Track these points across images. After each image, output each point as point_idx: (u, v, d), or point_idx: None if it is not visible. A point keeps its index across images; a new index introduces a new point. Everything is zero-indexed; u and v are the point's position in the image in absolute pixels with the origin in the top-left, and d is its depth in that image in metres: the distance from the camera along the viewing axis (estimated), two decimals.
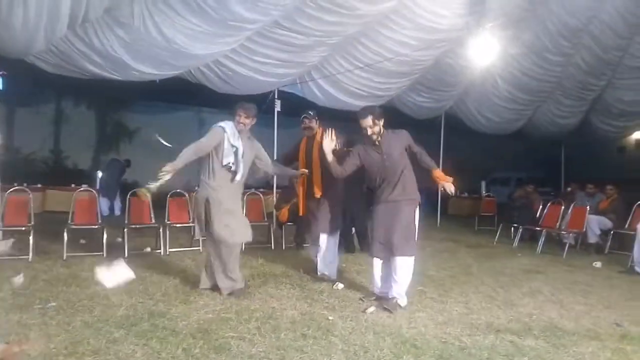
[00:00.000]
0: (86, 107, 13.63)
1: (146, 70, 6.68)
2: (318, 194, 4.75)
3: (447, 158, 9.79)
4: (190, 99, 11.03)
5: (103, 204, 9.52)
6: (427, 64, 8.38)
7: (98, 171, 11.44)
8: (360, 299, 4.12)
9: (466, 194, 13.22)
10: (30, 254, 5.37)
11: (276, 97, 8.49)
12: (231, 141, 4.04)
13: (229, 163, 4.03)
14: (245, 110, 4.13)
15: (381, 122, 3.95)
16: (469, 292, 4.56)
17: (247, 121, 4.13)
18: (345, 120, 5.68)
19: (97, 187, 10.25)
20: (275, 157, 8.16)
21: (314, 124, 4.88)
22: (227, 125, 4.11)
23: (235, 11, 5.96)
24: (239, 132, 4.12)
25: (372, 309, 3.81)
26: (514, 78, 9.33)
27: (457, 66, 8.48)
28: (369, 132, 3.93)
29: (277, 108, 8.49)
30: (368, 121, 3.91)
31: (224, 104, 8.04)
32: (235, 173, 4.07)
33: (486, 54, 7.10)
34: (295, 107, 9.01)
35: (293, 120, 11.17)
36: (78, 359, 2.76)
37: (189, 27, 6.10)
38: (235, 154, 4.04)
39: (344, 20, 6.76)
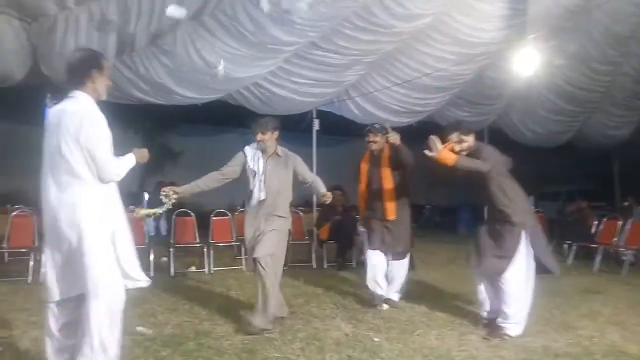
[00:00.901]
0: (134, 132, 14.16)
1: (189, 94, 6.91)
2: (392, 216, 4.36)
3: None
4: (235, 120, 11.26)
5: (149, 224, 9.81)
6: (467, 78, 8.24)
7: (145, 193, 11.82)
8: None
9: None
10: None
11: (314, 116, 8.55)
12: (250, 164, 3.92)
13: (251, 185, 3.89)
14: (260, 126, 3.89)
15: (470, 138, 3.72)
16: None
17: (265, 137, 3.87)
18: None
19: (143, 205, 10.59)
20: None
21: (379, 138, 4.46)
22: (249, 148, 4.00)
23: (273, 34, 6.09)
24: (263, 151, 3.92)
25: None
26: (560, 89, 9.00)
27: (499, 79, 8.28)
28: (457, 148, 3.70)
29: (316, 127, 8.55)
30: (453, 138, 3.70)
31: None
32: (254, 195, 3.86)
33: (529, 66, 6.90)
34: (333, 125, 9.06)
35: (331, 138, 11.21)
36: None
37: (229, 51, 6.27)
38: (254, 176, 3.88)
39: (381, 38, 6.77)
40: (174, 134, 15.10)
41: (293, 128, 9.31)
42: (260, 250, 3.69)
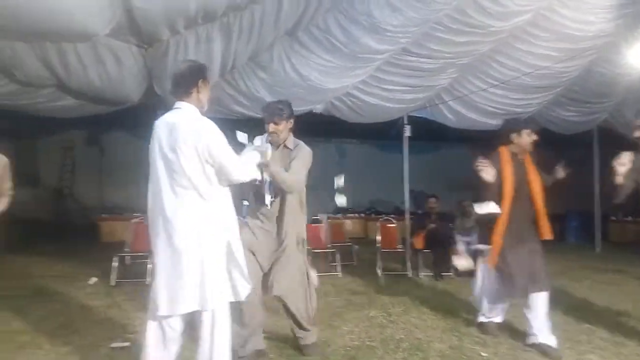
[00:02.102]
0: (230, 144, 15.04)
1: None
2: (549, 234, 3.84)
3: (604, 177, 8.67)
4: (329, 131, 11.44)
5: None
6: (572, 75, 7.62)
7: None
8: None
9: (630, 218, 11.51)
10: None
11: (405, 122, 8.43)
12: None
13: (256, 181, 3.12)
14: (272, 114, 3.19)
15: None
16: None
17: (280, 127, 3.19)
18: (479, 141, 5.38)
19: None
20: (407, 185, 8.06)
21: None
22: (259, 138, 3.36)
23: (364, 44, 6.13)
24: (272, 144, 3.25)
25: None
26: None
27: (610, 74, 7.55)
28: (637, 134, 3.44)
29: (407, 134, 8.41)
30: (638, 122, 3.42)
31: (364, 134, 8.13)
32: (263, 199, 3.31)
33: None
34: (424, 131, 8.85)
35: (423, 145, 10.96)
36: None
37: (322, 63, 6.44)
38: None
39: (476, 39, 6.51)
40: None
41: (383, 135, 9.22)
42: (281, 285, 3.17)
